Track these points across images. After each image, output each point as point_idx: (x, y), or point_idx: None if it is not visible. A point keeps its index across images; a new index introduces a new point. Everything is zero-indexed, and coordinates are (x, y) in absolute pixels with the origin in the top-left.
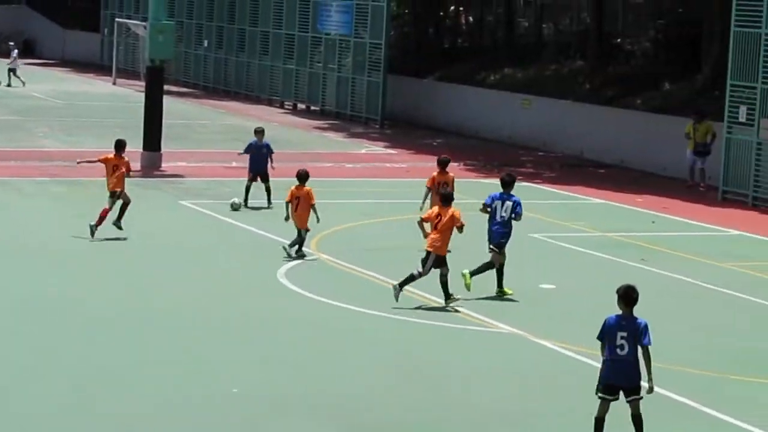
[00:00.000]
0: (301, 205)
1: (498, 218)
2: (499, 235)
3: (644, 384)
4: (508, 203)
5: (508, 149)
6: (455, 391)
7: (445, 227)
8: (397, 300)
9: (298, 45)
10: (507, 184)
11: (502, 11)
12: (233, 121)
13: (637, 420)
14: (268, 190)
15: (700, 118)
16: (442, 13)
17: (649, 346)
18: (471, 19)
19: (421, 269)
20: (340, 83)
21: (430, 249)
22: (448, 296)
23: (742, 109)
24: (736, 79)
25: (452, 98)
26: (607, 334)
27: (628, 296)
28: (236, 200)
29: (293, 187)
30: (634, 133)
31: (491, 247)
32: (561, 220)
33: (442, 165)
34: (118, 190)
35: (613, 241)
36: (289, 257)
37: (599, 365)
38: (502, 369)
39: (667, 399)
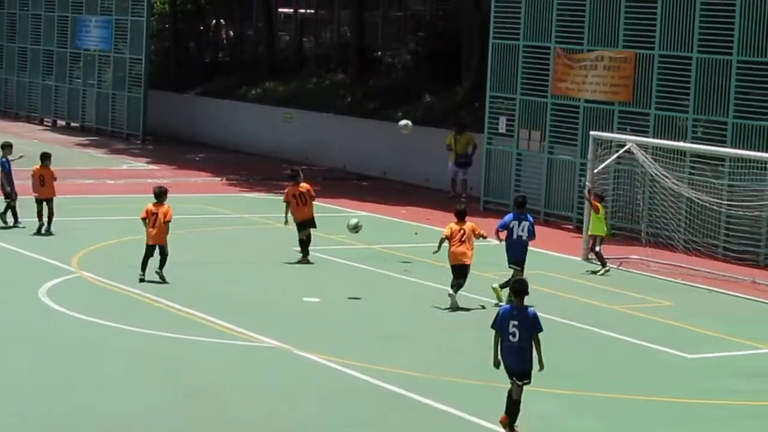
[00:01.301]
0: (158, 221)
1: (515, 237)
2: (518, 252)
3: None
4: (525, 223)
5: (272, 163)
6: (223, 406)
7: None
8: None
9: (57, 61)
10: (520, 204)
11: (262, 25)
12: None
13: (514, 404)
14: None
15: (461, 130)
16: (202, 28)
17: (540, 333)
18: (232, 33)
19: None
20: (101, 99)
21: (467, 261)
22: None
23: (502, 120)
24: (495, 91)
25: (214, 113)
26: (500, 323)
27: (517, 289)
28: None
29: (150, 204)
30: (396, 145)
31: (511, 265)
32: (325, 234)
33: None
34: None
35: (377, 253)
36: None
37: (365, 377)
38: (268, 383)
39: (432, 408)
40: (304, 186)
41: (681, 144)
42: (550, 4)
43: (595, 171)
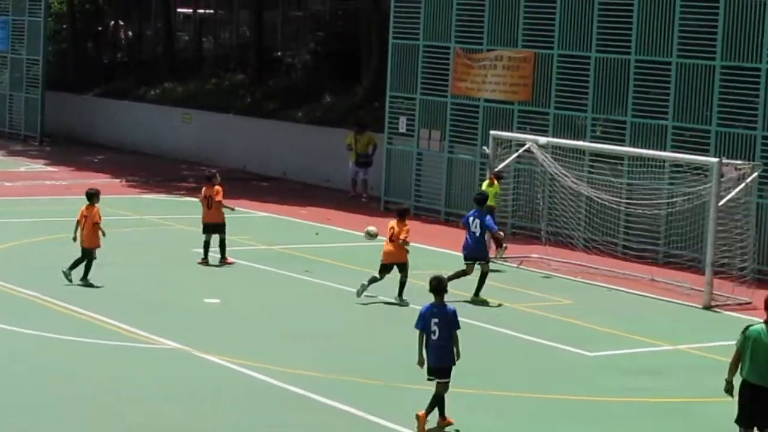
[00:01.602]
0: (87, 224)
1: (470, 233)
2: (470, 249)
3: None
4: (477, 220)
5: (171, 164)
6: (115, 410)
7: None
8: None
9: None
10: (479, 202)
11: (161, 25)
12: None
13: (438, 400)
14: None
15: (361, 129)
16: (100, 28)
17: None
18: (130, 33)
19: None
20: None
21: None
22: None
23: (402, 120)
24: (395, 91)
25: (112, 114)
26: (423, 322)
27: (435, 287)
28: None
29: (84, 207)
30: (297, 145)
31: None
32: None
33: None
34: None
35: (278, 253)
36: (69, 281)
37: (266, 378)
38: (166, 385)
39: (334, 409)
40: (215, 189)
41: (580, 143)
42: (450, 4)
43: (495, 170)
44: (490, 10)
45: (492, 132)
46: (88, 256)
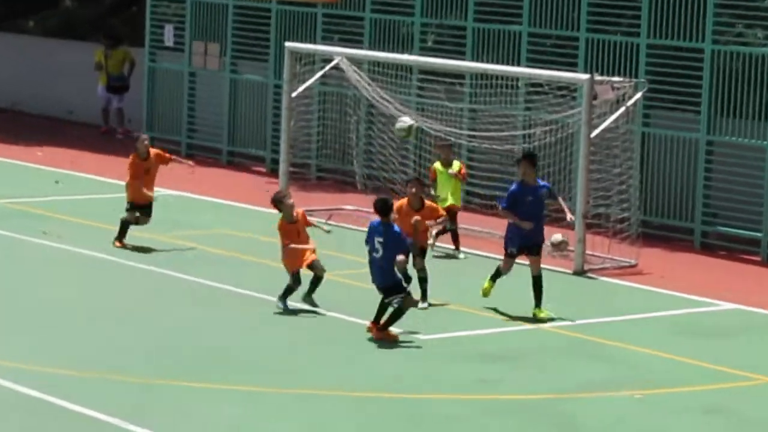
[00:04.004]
0: None
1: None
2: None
3: None
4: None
5: None
6: None
7: None
8: None
9: None
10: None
11: None
12: None
13: (399, 314)
14: None
15: (114, 44)
16: None
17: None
18: None
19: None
20: None
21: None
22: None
23: (168, 30)
24: None
25: None
26: (368, 237)
27: (380, 207)
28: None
29: None
30: (28, 65)
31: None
32: None
33: None
34: None
35: (7, 210)
36: None
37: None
38: None
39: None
40: None
41: (406, 57)
42: None
43: (294, 95)
44: None
45: (288, 44)
46: None
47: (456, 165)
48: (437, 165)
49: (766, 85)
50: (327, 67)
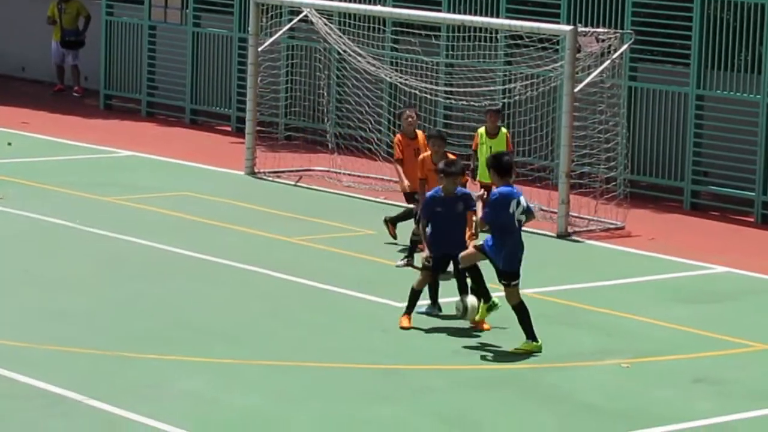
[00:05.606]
0: None
1: None
2: None
3: None
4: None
5: None
6: None
7: None
8: None
9: None
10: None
11: None
12: None
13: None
14: None
15: None
16: None
17: None
18: None
19: None
20: None
21: None
22: None
23: None
24: None
25: None
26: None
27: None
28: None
29: None
30: None
31: None
32: None
33: None
34: None
35: None
36: None
37: None
38: None
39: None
40: None
41: (378, 8)
42: None
43: (261, 49)
44: None
45: None
46: None
47: (503, 134)
48: (481, 131)
49: (759, 37)
50: (295, 20)
